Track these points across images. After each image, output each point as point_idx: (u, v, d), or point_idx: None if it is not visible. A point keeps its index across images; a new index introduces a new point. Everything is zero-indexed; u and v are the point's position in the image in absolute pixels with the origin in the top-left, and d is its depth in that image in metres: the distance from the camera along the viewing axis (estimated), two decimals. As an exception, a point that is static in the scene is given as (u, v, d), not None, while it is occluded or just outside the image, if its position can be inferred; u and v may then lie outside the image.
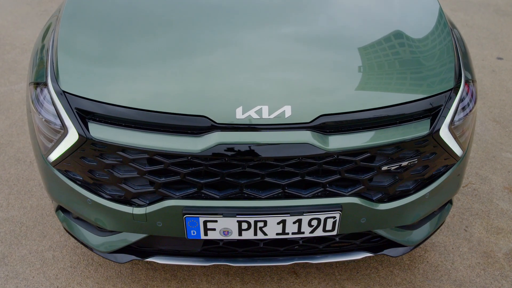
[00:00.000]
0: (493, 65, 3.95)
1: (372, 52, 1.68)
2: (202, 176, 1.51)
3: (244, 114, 1.43)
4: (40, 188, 2.53)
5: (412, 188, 1.64)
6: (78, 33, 1.75)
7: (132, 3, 1.88)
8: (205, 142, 1.44)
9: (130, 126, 1.47)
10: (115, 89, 1.52)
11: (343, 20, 1.85)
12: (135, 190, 1.54)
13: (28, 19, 4.67)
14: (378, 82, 1.58)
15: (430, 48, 1.73)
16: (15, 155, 2.77)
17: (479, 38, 4.44)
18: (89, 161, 1.53)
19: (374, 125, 1.50)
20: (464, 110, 1.64)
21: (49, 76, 1.61)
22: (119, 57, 1.62)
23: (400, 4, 1.97)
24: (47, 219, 2.33)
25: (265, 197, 1.52)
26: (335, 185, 1.55)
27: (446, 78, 1.63)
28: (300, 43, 1.69)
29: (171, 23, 1.77)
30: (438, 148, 1.58)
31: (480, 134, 3.04)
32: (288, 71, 1.58)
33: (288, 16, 1.82)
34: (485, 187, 2.60)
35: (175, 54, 1.62)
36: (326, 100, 1.51)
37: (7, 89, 3.46)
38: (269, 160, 1.45)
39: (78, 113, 1.49)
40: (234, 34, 1.72)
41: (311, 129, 1.46)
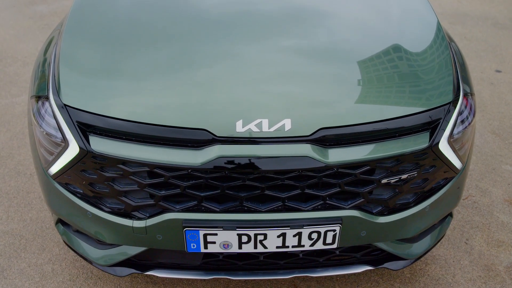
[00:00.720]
0: (491, 77, 3.97)
1: (371, 66, 1.69)
2: (202, 189, 1.51)
3: (244, 127, 1.44)
4: (40, 200, 2.53)
5: (412, 201, 1.64)
6: (80, 47, 1.77)
7: (134, 17, 1.90)
8: (205, 155, 1.44)
9: (131, 139, 1.47)
10: (116, 103, 1.53)
11: (342, 34, 1.87)
12: (135, 203, 1.54)
13: (30, 32, 4.71)
14: (377, 95, 1.59)
15: (428, 62, 1.74)
16: (16, 168, 2.77)
17: (478, 51, 4.47)
18: (89, 174, 1.53)
19: (373, 138, 1.51)
20: (463, 123, 1.65)
21: (51, 89, 1.63)
22: (120, 70, 1.63)
23: (399, 18, 1.99)
24: (47, 232, 2.33)
25: (265, 210, 1.52)
26: (335, 198, 1.56)
27: (445, 92, 1.64)
28: (300, 56, 1.70)
29: (171, 36, 1.79)
30: (438, 161, 1.59)
31: (479, 146, 3.05)
32: (288, 84, 1.59)
33: (287, 29, 1.84)
34: (485, 199, 2.59)
35: (176, 67, 1.64)
36: (325, 113, 1.52)
37: (8, 101, 3.48)
38: (269, 173, 1.46)
39: (79, 126, 1.50)
40: (234, 47, 1.73)
41: (311, 142, 1.46)
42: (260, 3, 2.01)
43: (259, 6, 1.98)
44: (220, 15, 1.91)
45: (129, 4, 1.98)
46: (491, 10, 5.54)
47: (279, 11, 1.95)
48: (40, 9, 5.34)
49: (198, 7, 1.96)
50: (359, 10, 2.02)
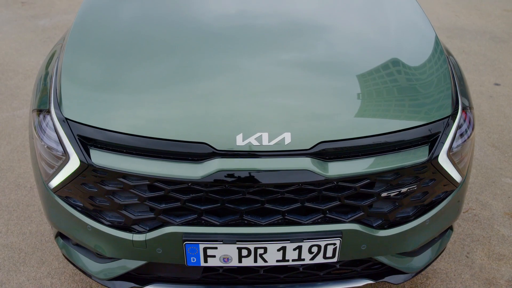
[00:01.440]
0: (490, 91, 3.99)
1: (371, 79, 1.71)
2: (202, 203, 1.51)
3: (244, 141, 1.45)
4: (40, 214, 2.52)
5: (412, 214, 1.64)
6: (82, 60, 1.79)
7: (135, 32, 1.91)
8: (205, 168, 1.45)
9: (132, 152, 1.48)
10: (117, 116, 1.54)
11: (341, 48, 1.88)
12: (135, 216, 1.54)
13: (32, 46, 4.75)
14: (376, 109, 1.60)
15: (427, 76, 1.76)
16: (16, 181, 2.77)
17: (476, 64, 4.51)
18: (89, 188, 1.54)
19: (373, 152, 1.52)
20: (462, 136, 1.65)
21: (52, 103, 1.64)
22: (121, 84, 1.64)
23: (397, 32, 2.01)
24: (46, 246, 2.32)
25: (265, 224, 1.52)
26: (335, 212, 1.56)
27: (444, 105, 1.65)
28: (300, 69, 1.72)
29: (172, 50, 1.81)
30: (437, 175, 1.59)
31: (479, 159, 3.05)
32: (288, 97, 1.60)
33: (287, 43, 1.86)
34: (486, 212, 2.59)
35: (176, 81, 1.65)
36: (325, 126, 1.53)
37: (9, 114, 3.49)
38: (269, 186, 1.46)
39: (80, 140, 1.51)
40: (234, 61, 1.74)
41: (311, 155, 1.47)
42: (260, 17, 2.03)
43: (259, 20, 2.01)
44: (220, 29, 1.93)
45: (130, 18, 2.00)
46: (489, 24, 5.60)
47: (279, 25, 1.97)
48: (42, 22, 5.39)
49: (199, 21, 1.98)
50: (358, 24, 2.04)
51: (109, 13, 2.07)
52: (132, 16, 2.02)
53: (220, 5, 2.13)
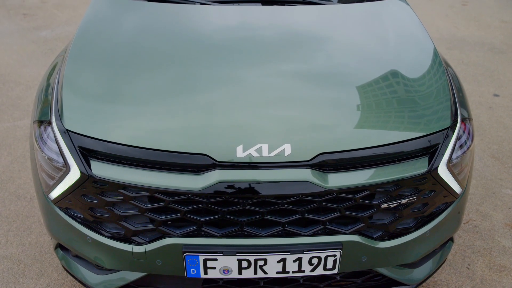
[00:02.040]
0: (490, 101, 4.01)
1: (370, 91, 1.72)
2: (202, 214, 1.51)
3: (244, 152, 1.45)
4: (40, 225, 2.52)
5: (413, 226, 1.64)
6: (83, 72, 1.80)
7: (137, 43, 1.93)
8: (205, 180, 1.45)
9: (132, 164, 1.48)
10: (118, 128, 1.55)
11: (340, 59, 1.89)
12: (135, 228, 1.54)
13: (34, 57, 4.78)
14: (376, 121, 1.61)
15: (426, 87, 1.77)
16: (16, 192, 2.77)
17: (476, 75, 4.53)
18: (90, 199, 1.54)
19: (373, 163, 1.52)
20: (461, 148, 1.66)
21: (53, 114, 1.65)
22: (122, 96, 1.65)
23: (397, 44, 2.02)
24: (46, 257, 2.31)
25: (265, 235, 1.52)
26: (335, 223, 1.55)
27: (443, 117, 1.66)
28: (300, 81, 1.73)
29: (173, 62, 1.82)
30: (437, 186, 1.59)
31: (479, 170, 3.05)
32: (288, 109, 1.61)
33: (287, 54, 1.87)
34: (486, 224, 2.58)
35: (177, 92, 1.66)
36: (325, 138, 1.53)
37: (10, 125, 3.50)
38: (269, 198, 1.46)
39: (81, 151, 1.51)
40: (234, 72, 1.76)
41: (311, 167, 1.47)
42: (260, 28, 2.05)
43: (259, 32, 2.02)
44: (221, 40, 1.95)
45: (132, 30, 2.02)
46: (488, 36, 5.63)
47: (279, 36, 1.99)
48: (44, 34, 5.43)
49: (200, 32, 2.00)
50: (357, 36, 2.06)
51: (110, 26, 2.09)
52: (133, 28, 2.04)
53: (220, 17, 2.15)
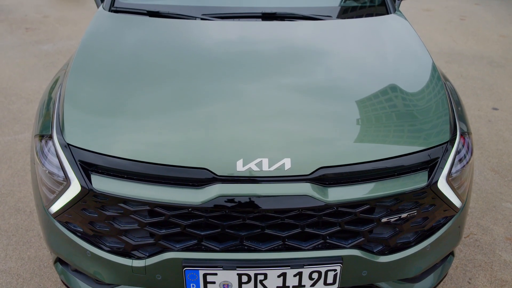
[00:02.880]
0: (489, 115, 4.02)
1: (370, 105, 1.73)
2: (202, 228, 1.51)
3: (244, 166, 1.46)
4: (39, 238, 2.51)
5: (413, 240, 1.64)
6: (85, 87, 1.81)
7: (138, 58, 1.95)
8: (206, 194, 1.45)
9: (132, 178, 1.49)
10: (119, 142, 1.55)
11: (340, 74, 1.91)
12: (135, 242, 1.54)
13: (35, 71, 4.81)
14: (375, 135, 1.62)
15: (425, 102, 1.78)
16: (15, 205, 2.77)
17: (474, 89, 4.55)
18: (90, 213, 1.54)
19: (373, 177, 1.52)
20: (461, 162, 1.67)
21: (55, 128, 1.66)
22: (123, 110, 1.66)
23: (395, 59, 2.04)
24: (45, 271, 2.30)
25: (265, 249, 1.52)
26: (335, 237, 1.55)
27: (442, 131, 1.67)
28: (299, 95, 1.74)
29: (173, 76, 1.84)
30: (437, 200, 1.60)
31: (479, 184, 3.05)
32: (288, 123, 1.61)
33: (287, 68, 1.89)
34: (487, 237, 2.58)
35: (177, 106, 1.67)
36: (325, 152, 1.54)
37: (10, 138, 3.51)
38: (269, 212, 1.46)
39: (82, 165, 1.52)
40: (234, 87, 1.77)
41: (311, 181, 1.47)
42: (260, 43, 2.07)
43: (260, 46, 2.05)
44: (221, 55, 1.97)
45: (133, 45, 2.04)
46: (486, 50, 5.68)
47: (279, 51, 2.01)
48: (46, 48, 5.48)
49: (200, 47, 2.02)
50: (356, 51, 2.08)
51: (112, 40, 2.11)
52: (134, 43, 2.06)
53: (221, 32, 2.17)
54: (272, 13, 2.28)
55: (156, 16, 2.27)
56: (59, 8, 7.37)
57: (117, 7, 2.37)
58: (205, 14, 2.26)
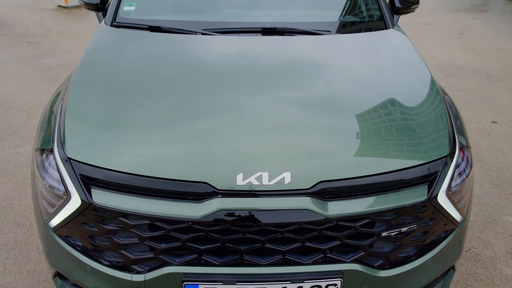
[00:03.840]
0: (488, 128, 4.03)
1: (369, 119, 1.74)
2: (202, 242, 1.51)
3: (244, 180, 1.46)
4: (38, 252, 2.50)
5: (413, 254, 1.63)
6: (86, 101, 1.83)
7: (139, 73, 1.96)
8: (206, 208, 1.45)
9: (133, 192, 1.49)
10: (119, 156, 1.56)
11: (339, 88, 1.92)
12: (135, 256, 1.54)
13: (36, 84, 4.84)
14: (375, 149, 1.62)
15: (424, 116, 1.79)
16: (15, 219, 2.76)
17: (473, 102, 4.57)
18: (90, 227, 1.54)
19: (372, 191, 1.53)
20: (460, 175, 1.67)
21: (56, 142, 1.66)
22: (123, 125, 1.67)
23: (395, 73, 2.06)
24: (43, 285, 2.29)
25: (265, 264, 1.51)
26: (335, 251, 1.55)
27: (441, 145, 1.67)
28: (299, 110, 1.75)
29: (174, 90, 1.85)
30: (437, 214, 1.60)
31: (479, 197, 3.05)
32: (288, 137, 1.62)
33: (287, 83, 1.90)
34: (488, 251, 2.57)
35: (177, 120, 1.68)
36: (325, 166, 1.54)
37: (11, 152, 3.52)
38: (269, 226, 1.46)
39: (82, 179, 1.52)
40: (234, 101, 1.78)
41: (311, 195, 1.48)
42: (260, 57, 2.09)
43: (260, 60, 2.06)
44: (221, 69, 1.98)
45: (135, 60, 2.06)
46: (484, 64, 5.72)
47: (279, 65, 2.03)
48: (47, 61, 5.52)
49: (201, 61, 2.04)
50: (356, 66, 2.09)
51: (113, 55, 2.13)
52: (136, 58, 2.08)
53: (221, 46, 2.19)
54: (272, 28, 2.30)
55: (157, 31, 2.30)
56: (61, 22, 7.44)
57: (119, 22, 2.40)
58: (206, 29, 2.29)
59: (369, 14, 2.60)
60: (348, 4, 2.65)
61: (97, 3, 2.73)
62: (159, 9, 2.55)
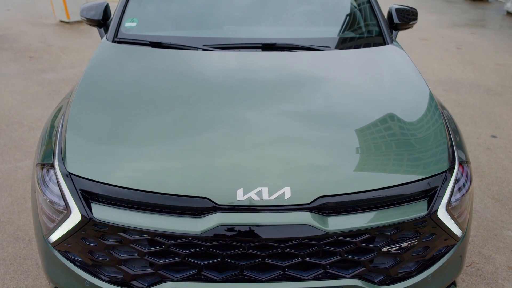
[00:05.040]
0: (488, 143, 4.04)
1: (369, 134, 1.75)
2: (202, 257, 1.50)
3: (244, 195, 1.46)
4: (37, 267, 2.49)
5: (414, 269, 1.63)
6: (87, 116, 1.84)
7: (140, 88, 1.98)
8: (206, 223, 1.45)
9: (133, 207, 1.49)
10: (120, 171, 1.56)
11: (338, 103, 1.93)
12: (134, 271, 1.53)
13: (37, 98, 4.86)
14: (375, 163, 1.63)
15: (424, 131, 1.80)
16: (14, 233, 2.75)
17: (473, 116, 4.59)
18: (89, 242, 1.54)
19: (372, 206, 1.53)
20: (460, 190, 1.67)
21: (56, 157, 1.67)
22: (124, 140, 1.68)
23: (394, 89, 2.07)
24: (42, 301, 2.27)
25: (266, 279, 1.51)
26: (336, 267, 1.54)
27: (441, 160, 1.68)
28: (299, 125, 1.76)
29: (175, 105, 1.86)
30: (437, 229, 1.59)
31: (480, 212, 3.04)
32: (288, 152, 1.63)
33: (287, 96, 1.91)
34: (489, 267, 2.55)
35: (178, 136, 1.69)
36: (325, 181, 1.55)
37: (11, 166, 3.52)
38: (269, 241, 1.46)
39: (82, 194, 1.52)
40: (234, 116, 1.79)
41: (311, 210, 1.48)
42: (260, 72, 2.11)
43: (259, 74, 2.08)
44: (221, 83, 2.00)
45: (136, 76, 2.08)
46: (483, 78, 5.75)
47: (279, 80, 2.04)
48: (49, 76, 5.55)
49: (201, 77, 2.05)
50: (355, 81, 2.11)
51: (115, 71, 2.15)
52: (137, 73, 2.10)
53: (221, 61, 2.22)
54: (272, 44, 2.33)
55: (159, 47, 2.32)
56: (63, 37, 7.50)
57: (121, 38, 2.43)
58: (207, 45, 2.31)
59: (368, 30, 2.63)
60: (347, 20, 2.68)
61: (99, 19, 2.76)
62: (160, 25, 2.58)
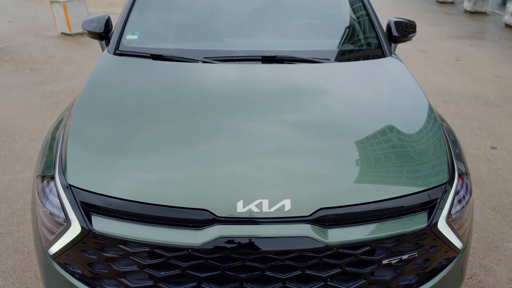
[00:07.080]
0: (487, 154, 4.05)
1: (369, 146, 1.75)
2: (202, 270, 1.50)
3: (244, 207, 1.46)
4: (36, 280, 2.47)
5: (415, 282, 1.62)
6: (88, 128, 1.84)
7: (141, 100, 1.99)
8: (206, 235, 1.45)
9: (133, 219, 1.49)
10: (120, 183, 1.57)
11: (338, 115, 1.94)
12: (134, 284, 1.52)
13: (38, 110, 4.88)
14: (375, 175, 1.63)
15: (423, 143, 1.81)
16: (14, 245, 2.74)
17: (472, 128, 4.60)
18: (89, 254, 1.53)
19: (373, 218, 1.53)
20: (460, 202, 1.67)
21: (57, 169, 1.67)
22: (124, 153, 1.69)
23: (393, 101, 2.08)
24: (41, 314, 2.26)
25: (266, 292, 1.50)
26: (336, 279, 1.54)
27: (441, 172, 1.68)
28: (299, 137, 1.77)
29: (175, 118, 1.87)
30: (438, 241, 1.59)
31: (480, 223, 3.03)
32: (288, 164, 1.63)
33: (286, 108, 1.92)
34: (490, 279, 2.54)
35: (178, 148, 1.69)
36: (325, 193, 1.55)
37: (11, 177, 3.52)
38: (270, 253, 1.46)
39: (82, 206, 1.53)
40: (234, 127, 1.80)
41: (311, 222, 1.48)
42: (260, 83, 2.12)
43: (259, 85, 2.09)
44: (221, 94, 2.01)
45: (137, 88, 2.09)
46: (482, 89, 5.78)
47: (278, 90, 2.05)
48: (50, 88, 5.58)
49: (201, 88, 2.06)
50: (354, 93, 2.12)
51: (116, 83, 2.16)
52: (137, 86, 2.11)
53: (221, 73, 2.23)
54: (272, 56, 2.34)
55: (159, 59, 2.34)
56: (64, 49, 7.55)
57: (122, 51, 2.45)
58: (207, 58, 2.33)
59: (367, 42, 2.65)
60: (346, 32, 2.71)
61: (101, 31, 2.79)
62: (161, 38, 2.61)
